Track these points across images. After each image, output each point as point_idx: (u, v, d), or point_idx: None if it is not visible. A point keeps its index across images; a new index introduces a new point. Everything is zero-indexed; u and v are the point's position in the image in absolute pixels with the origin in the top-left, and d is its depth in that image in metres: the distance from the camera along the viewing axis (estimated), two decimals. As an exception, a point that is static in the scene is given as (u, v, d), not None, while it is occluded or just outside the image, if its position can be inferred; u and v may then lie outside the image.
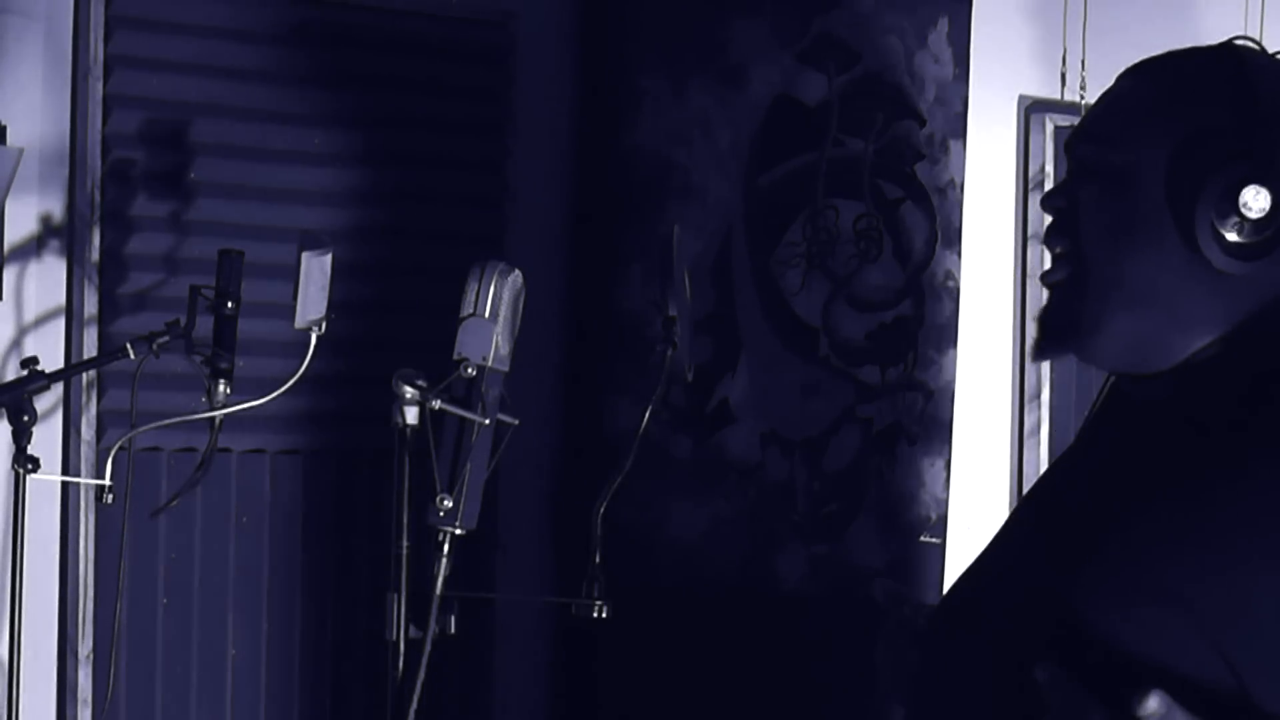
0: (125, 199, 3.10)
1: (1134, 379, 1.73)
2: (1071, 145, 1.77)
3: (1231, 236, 1.64)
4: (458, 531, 1.97)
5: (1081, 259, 1.70)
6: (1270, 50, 1.72)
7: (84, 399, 3.08)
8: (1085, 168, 1.72)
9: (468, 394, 1.99)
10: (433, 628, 1.97)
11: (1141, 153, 1.68)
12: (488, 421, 1.98)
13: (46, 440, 2.99)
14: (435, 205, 3.38)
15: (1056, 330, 1.74)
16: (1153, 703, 1.47)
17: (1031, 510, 1.85)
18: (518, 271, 2.05)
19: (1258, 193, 1.63)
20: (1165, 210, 1.66)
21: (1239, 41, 1.72)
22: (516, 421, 2.16)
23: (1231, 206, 1.63)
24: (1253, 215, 1.63)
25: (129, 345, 2.80)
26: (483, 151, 3.43)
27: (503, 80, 3.43)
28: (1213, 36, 1.77)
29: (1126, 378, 1.74)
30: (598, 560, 2.22)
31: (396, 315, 3.34)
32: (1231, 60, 1.70)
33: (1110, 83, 1.78)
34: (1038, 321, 1.78)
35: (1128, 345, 1.69)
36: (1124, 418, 1.75)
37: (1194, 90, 1.69)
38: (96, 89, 3.07)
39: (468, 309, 2.01)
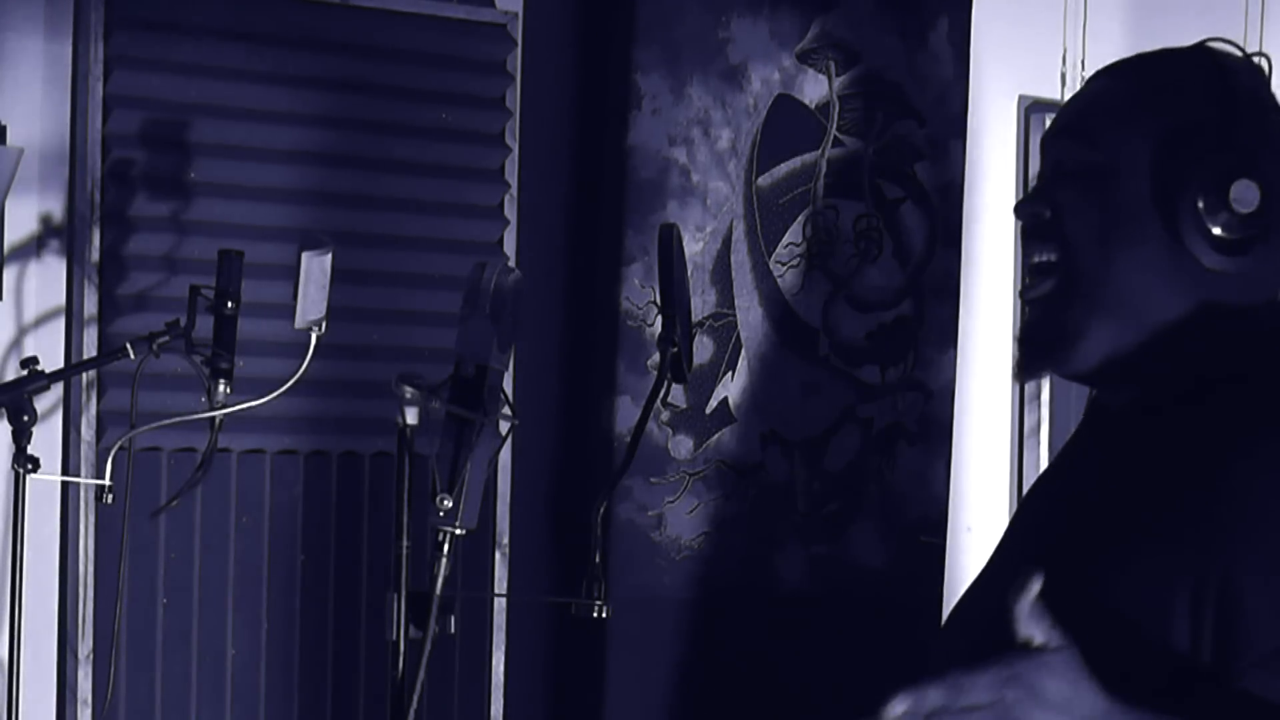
0: (125, 199, 3.10)
1: (1111, 388, 1.69)
2: (1048, 146, 1.72)
3: (1218, 232, 1.59)
4: (458, 531, 1.96)
5: (1070, 266, 1.66)
6: (1247, 51, 1.69)
7: (84, 399, 3.08)
8: (1064, 170, 1.68)
9: (468, 394, 1.99)
10: (433, 628, 1.97)
11: (1124, 150, 1.64)
12: (488, 421, 1.97)
13: (46, 440, 2.99)
14: (435, 207, 3.38)
15: (1045, 346, 1.68)
16: (898, 708, 1.43)
17: (1022, 525, 1.83)
18: (517, 271, 2.04)
19: (1247, 187, 1.59)
20: (1151, 207, 1.62)
21: (1212, 43, 1.69)
22: (517, 421, 2.16)
23: (1220, 201, 1.59)
24: (1242, 210, 1.59)
25: (129, 345, 2.79)
26: (483, 152, 3.43)
27: (503, 80, 3.43)
28: (1211, 35, 1.75)
29: (1106, 388, 1.70)
30: (598, 560, 2.21)
31: (397, 319, 3.34)
32: (1207, 58, 1.67)
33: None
34: (1021, 339, 1.72)
35: (1108, 353, 1.65)
36: (1104, 429, 1.71)
37: (1172, 87, 1.66)
38: (96, 89, 3.07)
39: (467, 309, 2.01)
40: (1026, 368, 1.72)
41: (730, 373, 3.58)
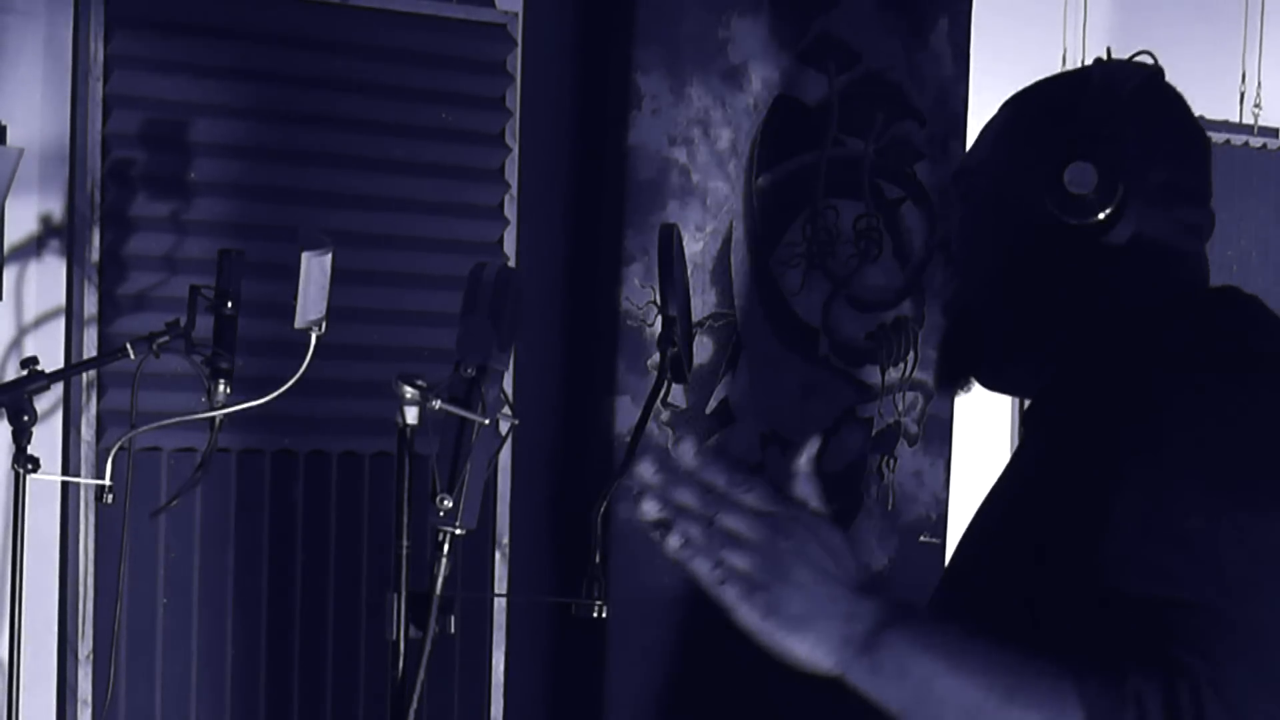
0: (125, 199, 3.10)
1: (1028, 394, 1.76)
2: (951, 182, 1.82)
3: (1071, 220, 1.61)
4: (458, 531, 1.96)
5: (958, 284, 1.74)
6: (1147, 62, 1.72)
7: (84, 399, 3.08)
8: (958, 196, 1.78)
9: (468, 394, 1.99)
10: (433, 628, 1.97)
11: (985, 166, 1.73)
12: (488, 421, 1.97)
13: (46, 440, 2.99)
14: (435, 207, 3.38)
15: (949, 362, 1.78)
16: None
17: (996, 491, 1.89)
18: (517, 271, 2.05)
19: (1081, 169, 1.60)
20: (1006, 210, 1.68)
21: (1103, 59, 1.74)
22: (517, 421, 2.17)
23: (1060, 188, 1.60)
24: (1077, 191, 1.60)
25: (129, 345, 2.79)
26: (483, 152, 3.43)
27: (503, 80, 3.43)
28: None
29: (1025, 394, 1.78)
30: (598, 560, 2.22)
31: (397, 319, 3.34)
32: (1081, 75, 1.72)
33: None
34: (938, 351, 1.82)
35: (1014, 363, 1.72)
36: (1032, 419, 1.78)
37: (1034, 103, 1.74)
38: (96, 89, 3.07)
39: (467, 308, 2.01)
40: (940, 381, 1.82)
41: (730, 373, 3.58)
